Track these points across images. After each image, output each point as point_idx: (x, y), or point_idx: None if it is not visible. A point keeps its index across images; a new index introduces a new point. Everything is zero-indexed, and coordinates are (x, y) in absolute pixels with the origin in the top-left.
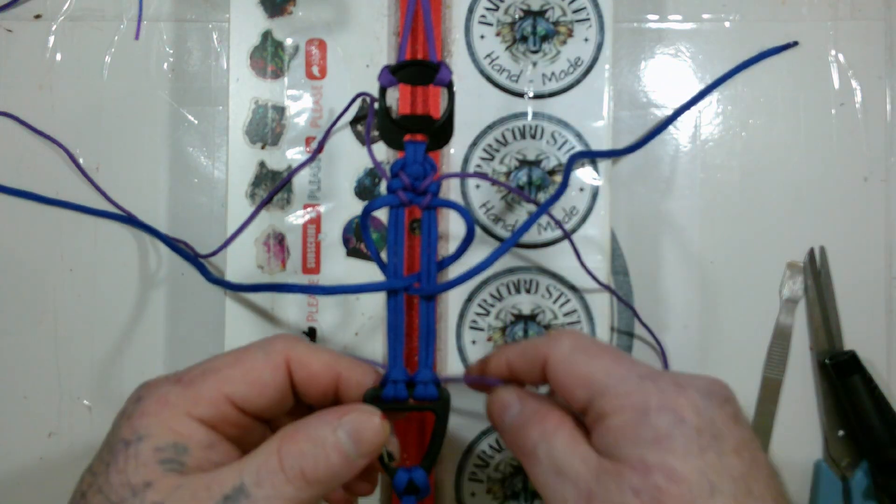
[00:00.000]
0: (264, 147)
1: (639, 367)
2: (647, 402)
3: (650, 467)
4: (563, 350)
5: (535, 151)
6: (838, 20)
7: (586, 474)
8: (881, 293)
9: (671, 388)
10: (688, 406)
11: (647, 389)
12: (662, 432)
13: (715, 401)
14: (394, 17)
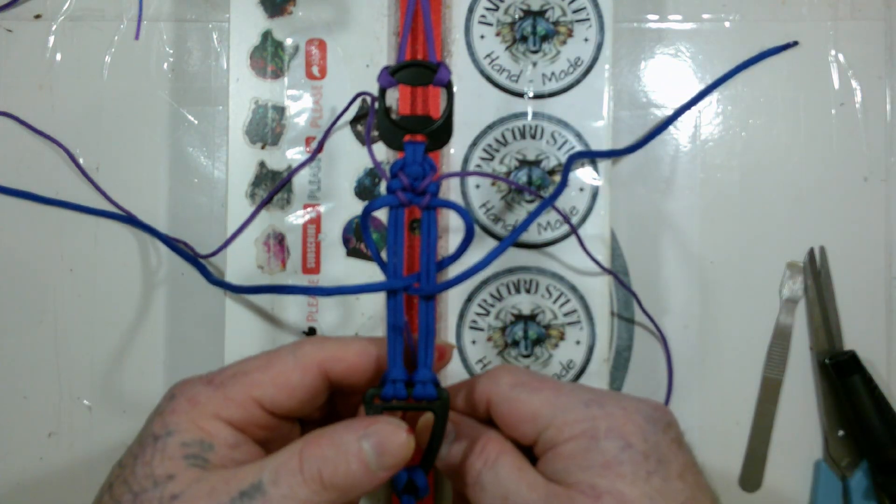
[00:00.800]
0: (264, 147)
1: (581, 394)
2: (596, 427)
3: (600, 493)
4: (502, 389)
5: (535, 151)
6: (838, 20)
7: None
8: (881, 293)
9: (618, 412)
10: (635, 431)
11: (595, 415)
12: (611, 457)
13: (659, 426)
14: (394, 17)
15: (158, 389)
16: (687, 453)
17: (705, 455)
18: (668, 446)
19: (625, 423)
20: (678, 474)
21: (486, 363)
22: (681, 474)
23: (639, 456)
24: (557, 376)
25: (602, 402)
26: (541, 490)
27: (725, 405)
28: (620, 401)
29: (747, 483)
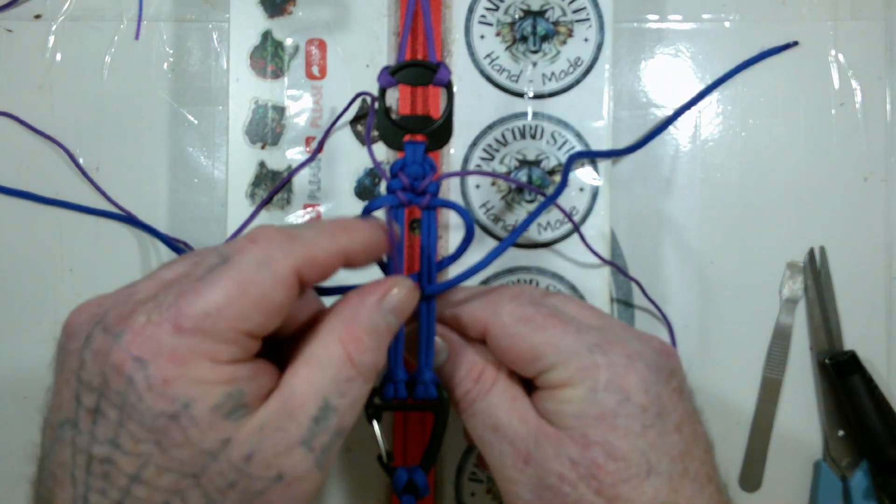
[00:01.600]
0: (264, 147)
1: (587, 335)
2: (596, 378)
3: (591, 442)
4: (503, 323)
5: (535, 151)
6: (838, 20)
7: (525, 435)
8: (881, 293)
9: (621, 361)
10: (636, 383)
11: (598, 363)
12: (608, 410)
13: (663, 375)
14: (394, 17)
15: None
16: (687, 402)
17: None
18: (669, 397)
19: (626, 374)
20: (675, 427)
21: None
22: (678, 426)
23: (636, 409)
24: None
25: (607, 347)
26: (532, 425)
27: (725, 405)
28: (626, 346)
29: (747, 483)
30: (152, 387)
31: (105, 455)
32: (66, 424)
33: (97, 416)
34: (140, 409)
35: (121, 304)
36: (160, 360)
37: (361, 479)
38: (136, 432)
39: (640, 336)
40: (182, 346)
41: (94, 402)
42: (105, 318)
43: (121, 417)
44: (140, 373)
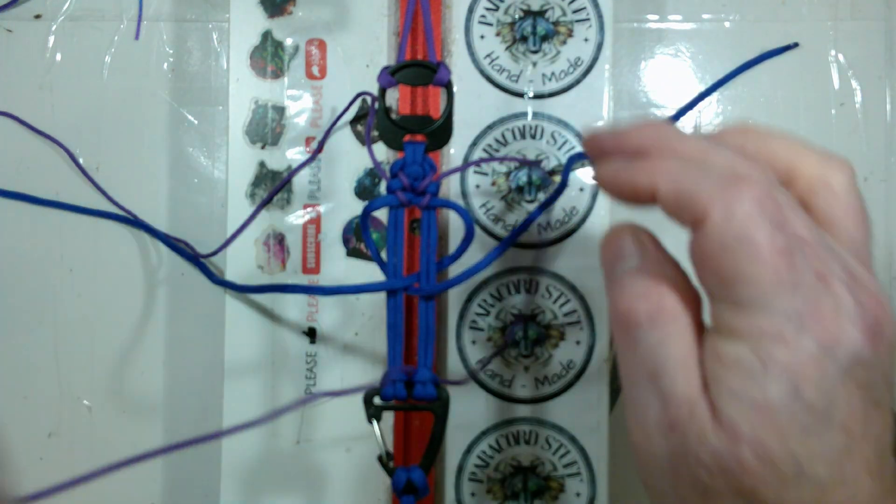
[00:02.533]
0: (264, 147)
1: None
2: (772, 355)
3: (741, 437)
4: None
5: (535, 151)
6: (838, 20)
7: (683, 399)
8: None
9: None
10: (812, 378)
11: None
12: (770, 401)
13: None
14: (394, 17)
15: (158, 389)
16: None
17: None
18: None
19: (807, 365)
20: (842, 426)
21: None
22: (846, 426)
23: (803, 409)
24: (557, 376)
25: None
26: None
27: None
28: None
29: None
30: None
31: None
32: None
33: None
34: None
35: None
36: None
37: (361, 479)
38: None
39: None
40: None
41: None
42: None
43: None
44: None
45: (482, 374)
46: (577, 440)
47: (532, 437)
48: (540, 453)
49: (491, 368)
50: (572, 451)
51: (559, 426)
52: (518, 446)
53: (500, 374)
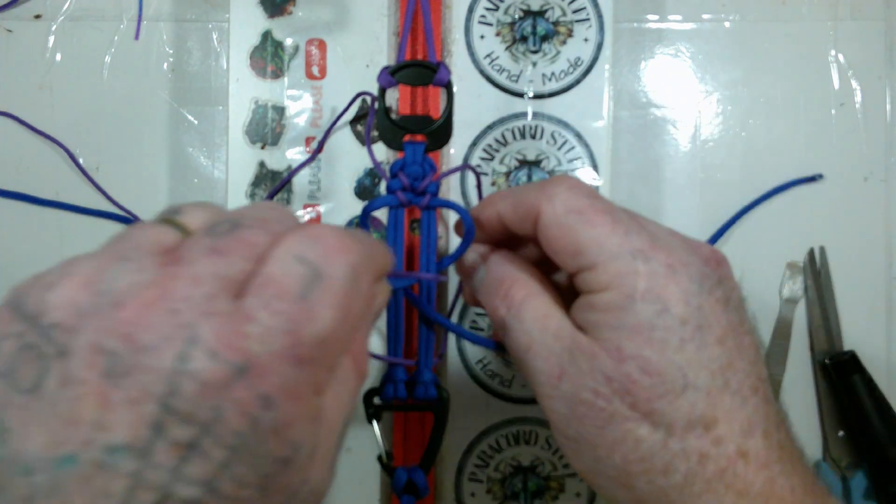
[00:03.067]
0: (264, 147)
1: (635, 239)
2: (635, 286)
3: (625, 356)
4: (555, 211)
5: (535, 151)
6: (838, 20)
7: (559, 351)
8: (881, 293)
9: (663, 270)
10: (676, 295)
11: (638, 270)
12: (644, 321)
13: (707, 284)
14: (394, 17)
15: None
16: (733, 313)
17: None
18: (712, 308)
19: (666, 286)
20: (717, 339)
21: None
22: (720, 339)
23: (675, 322)
24: None
25: (650, 254)
26: (566, 341)
27: None
28: (671, 254)
29: None
30: (277, 430)
31: (193, 497)
32: (124, 452)
33: (191, 454)
34: (258, 453)
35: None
36: (284, 399)
37: (361, 479)
38: (244, 477)
39: (689, 245)
40: (302, 380)
41: (191, 437)
42: (200, 336)
43: (229, 459)
44: (267, 415)
45: (482, 373)
46: None
47: (532, 437)
48: (540, 453)
49: (491, 368)
50: None
51: None
52: (518, 446)
53: (500, 374)
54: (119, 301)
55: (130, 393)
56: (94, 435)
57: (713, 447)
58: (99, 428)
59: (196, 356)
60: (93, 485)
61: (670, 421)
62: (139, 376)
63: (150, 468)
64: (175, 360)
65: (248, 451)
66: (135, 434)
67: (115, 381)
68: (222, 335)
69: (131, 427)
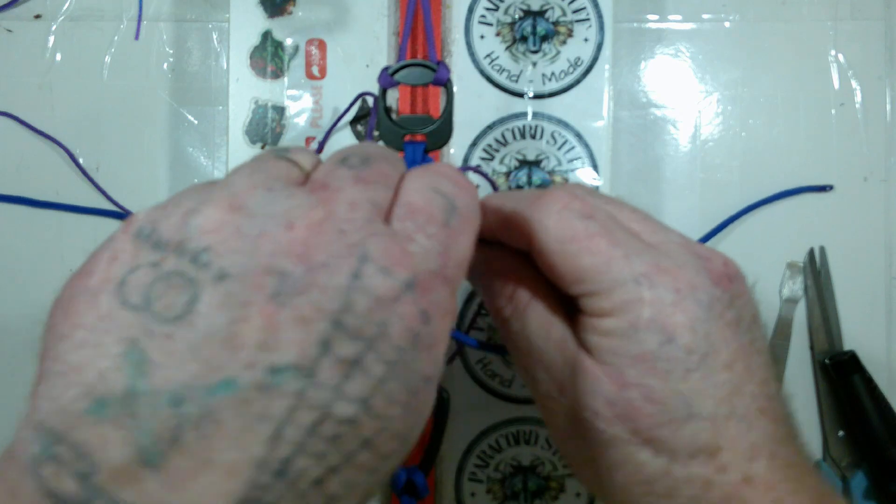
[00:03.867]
0: (264, 147)
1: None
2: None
3: (628, 383)
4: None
5: (535, 151)
6: (838, 20)
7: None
8: (881, 293)
9: (669, 296)
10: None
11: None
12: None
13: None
14: (394, 17)
15: None
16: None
17: None
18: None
19: (672, 313)
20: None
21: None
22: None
23: (679, 352)
24: None
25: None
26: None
27: None
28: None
29: None
30: (430, 346)
31: (350, 415)
32: (290, 372)
33: (353, 371)
34: (411, 369)
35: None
36: (439, 315)
37: None
38: (396, 394)
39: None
40: (448, 299)
41: (356, 353)
42: (371, 253)
43: (386, 375)
44: (425, 329)
45: (482, 373)
46: None
47: (532, 437)
48: (540, 453)
49: (491, 368)
50: None
51: None
52: (518, 446)
53: (500, 374)
54: (289, 223)
55: (302, 311)
56: (257, 357)
57: (717, 474)
58: (263, 349)
59: (369, 273)
60: (251, 408)
61: (673, 448)
62: (313, 294)
63: (313, 387)
64: (350, 276)
65: (405, 366)
66: (302, 353)
67: (285, 300)
68: (390, 253)
69: (299, 346)
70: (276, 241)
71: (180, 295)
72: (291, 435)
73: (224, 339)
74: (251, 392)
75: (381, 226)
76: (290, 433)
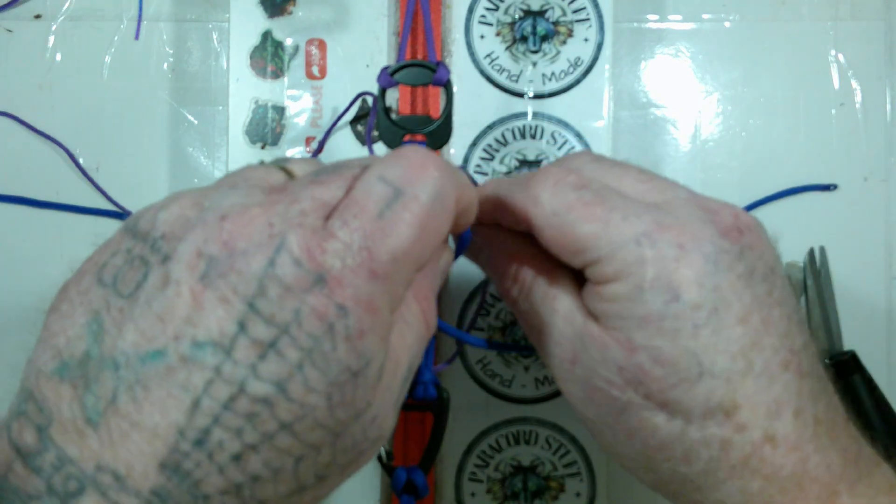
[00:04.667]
0: (264, 147)
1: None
2: (643, 276)
3: (636, 347)
4: (544, 215)
5: (535, 151)
6: (838, 20)
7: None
8: (881, 293)
9: (672, 253)
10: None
11: (644, 257)
12: (653, 311)
13: (724, 261)
14: (394, 17)
15: None
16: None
17: None
18: (732, 286)
19: (676, 269)
20: (739, 319)
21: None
22: (742, 318)
23: (686, 309)
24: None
25: (657, 236)
26: (577, 326)
27: None
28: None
29: None
30: (350, 338)
31: (264, 395)
32: (210, 347)
33: (268, 352)
34: (330, 359)
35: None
36: (359, 309)
37: (361, 479)
38: (314, 381)
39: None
40: (377, 294)
41: (271, 336)
42: (287, 245)
43: (302, 361)
44: (341, 322)
45: (482, 373)
46: (577, 440)
47: (532, 437)
48: (540, 453)
49: (491, 368)
50: (572, 451)
51: (559, 426)
52: (518, 446)
53: (500, 373)
54: (224, 214)
55: (222, 292)
56: (183, 330)
57: (736, 434)
58: (189, 323)
59: (283, 262)
60: (174, 378)
61: (687, 409)
62: (232, 278)
63: (230, 363)
64: (265, 264)
65: (322, 355)
66: (221, 330)
67: (210, 281)
68: (305, 246)
69: (219, 324)
70: (211, 229)
71: (136, 275)
72: (208, 406)
73: (158, 313)
74: (176, 362)
75: (314, 220)
76: (208, 404)
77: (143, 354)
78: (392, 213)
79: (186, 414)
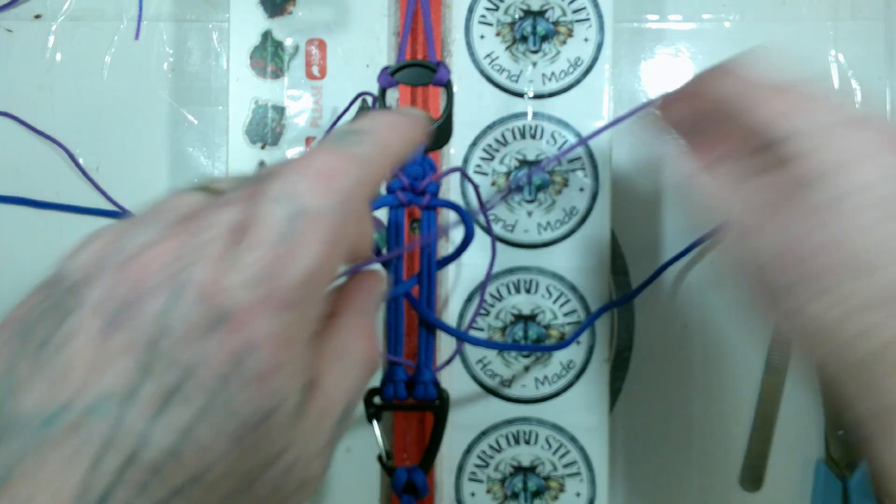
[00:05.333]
0: (264, 147)
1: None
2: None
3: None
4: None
5: (535, 151)
6: (838, 20)
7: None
8: None
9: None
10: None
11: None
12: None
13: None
14: (394, 17)
15: None
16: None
17: (706, 455)
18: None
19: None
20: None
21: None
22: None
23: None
24: (557, 376)
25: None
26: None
27: (725, 405)
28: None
29: (748, 483)
30: (260, 376)
31: (168, 446)
32: (110, 399)
33: (172, 399)
34: (238, 400)
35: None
36: (267, 344)
37: (361, 479)
38: (223, 424)
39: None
40: (288, 325)
41: (174, 382)
42: (189, 282)
43: (208, 405)
44: (250, 359)
45: (482, 373)
46: (577, 440)
47: (532, 437)
48: (540, 453)
49: (491, 368)
50: (572, 451)
51: (559, 426)
52: (518, 446)
53: (500, 373)
54: (130, 255)
55: (124, 340)
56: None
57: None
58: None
59: (183, 302)
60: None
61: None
62: (134, 323)
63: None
64: (165, 304)
65: (230, 395)
66: (122, 381)
67: (115, 329)
68: (206, 282)
69: (120, 374)
70: (116, 273)
71: (51, 323)
72: (109, 464)
73: (62, 367)
74: (76, 419)
75: (218, 249)
76: (109, 462)
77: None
78: (296, 233)
79: (86, 474)
